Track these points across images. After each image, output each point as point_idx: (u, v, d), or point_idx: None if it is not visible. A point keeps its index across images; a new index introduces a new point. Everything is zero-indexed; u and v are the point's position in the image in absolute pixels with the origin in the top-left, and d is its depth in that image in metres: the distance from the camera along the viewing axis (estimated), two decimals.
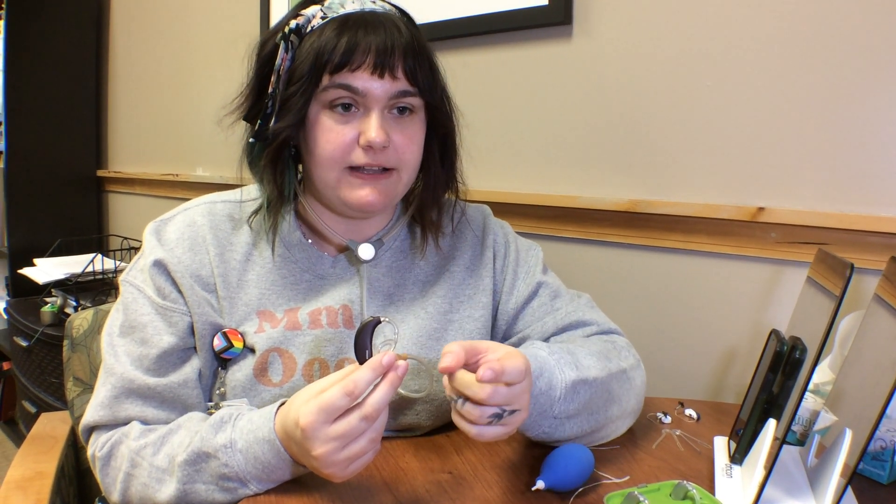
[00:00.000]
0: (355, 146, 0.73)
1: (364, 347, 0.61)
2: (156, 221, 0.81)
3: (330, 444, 0.59)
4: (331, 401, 0.58)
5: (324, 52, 0.71)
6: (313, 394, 0.61)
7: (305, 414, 0.59)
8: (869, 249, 0.95)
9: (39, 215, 2.58)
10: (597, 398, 0.73)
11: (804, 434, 0.81)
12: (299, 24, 0.73)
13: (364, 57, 0.70)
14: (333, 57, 0.70)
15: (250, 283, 0.79)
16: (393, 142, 0.74)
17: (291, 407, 0.62)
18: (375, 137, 0.71)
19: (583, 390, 0.71)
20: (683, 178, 1.13)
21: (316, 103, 0.74)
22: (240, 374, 0.76)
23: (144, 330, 0.75)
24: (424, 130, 0.79)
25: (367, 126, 0.72)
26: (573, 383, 0.70)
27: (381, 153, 0.73)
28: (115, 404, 0.74)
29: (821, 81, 0.98)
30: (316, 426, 0.58)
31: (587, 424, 0.74)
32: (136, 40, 2.59)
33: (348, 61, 0.71)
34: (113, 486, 0.72)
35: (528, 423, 0.69)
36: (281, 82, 0.74)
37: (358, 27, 0.71)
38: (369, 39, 0.71)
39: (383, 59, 0.71)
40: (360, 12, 0.73)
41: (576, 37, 1.25)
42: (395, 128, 0.74)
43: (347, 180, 0.75)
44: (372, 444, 0.61)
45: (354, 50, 0.70)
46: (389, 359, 0.60)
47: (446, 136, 0.82)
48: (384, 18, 0.73)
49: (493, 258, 0.90)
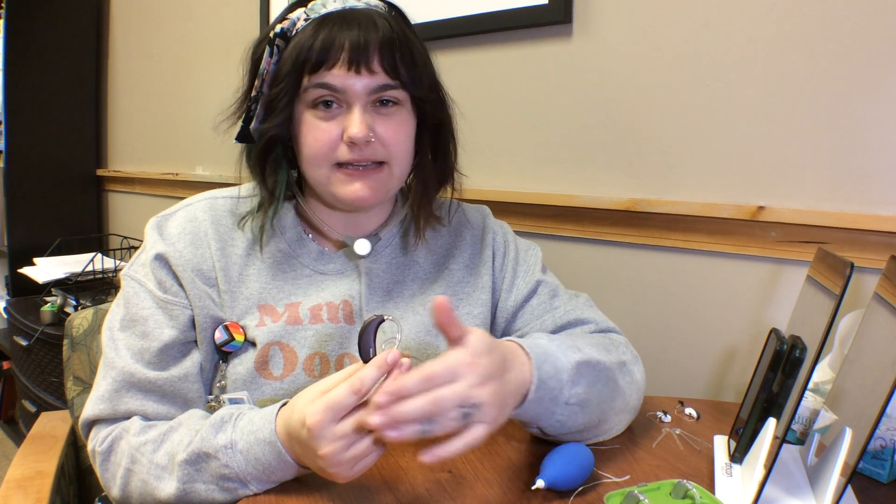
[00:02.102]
0: (340, 143, 0.74)
1: (368, 346, 0.61)
2: (157, 217, 0.82)
3: (337, 442, 0.59)
4: (338, 399, 0.58)
5: (302, 52, 0.72)
6: (318, 393, 0.61)
7: (312, 413, 0.59)
8: (869, 248, 0.95)
9: (39, 214, 2.58)
10: (602, 385, 0.73)
11: (804, 433, 0.81)
12: (284, 28, 0.74)
13: (339, 54, 0.71)
14: (311, 56, 0.72)
15: (251, 277, 0.80)
16: (378, 135, 0.74)
17: (295, 407, 0.62)
18: (357, 132, 0.72)
19: (588, 372, 0.71)
20: (683, 177, 1.13)
21: (300, 103, 0.75)
22: (241, 368, 0.76)
23: (145, 323, 0.76)
24: (413, 122, 0.79)
25: (349, 122, 0.73)
26: (577, 364, 0.70)
27: (367, 147, 0.74)
28: (115, 398, 0.74)
29: (821, 81, 0.98)
30: (323, 425, 0.58)
31: (596, 413, 0.73)
32: (135, 39, 2.59)
33: (324, 59, 0.72)
34: (112, 481, 0.72)
35: (540, 412, 0.68)
36: (265, 85, 0.75)
37: (333, 25, 0.72)
38: (343, 36, 0.71)
39: (357, 55, 0.71)
40: (339, 11, 0.74)
41: (576, 36, 1.25)
42: (379, 121, 0.75)
43: (337, 177, 0.76)
44: (376, 444, 0.61)
45: (329, 48, 0.71)
46: (394, 357, 0.59)
47: (439, 129, 0.82)
48: (362, 14, 0.73)
49: (492, 256, 0.90)
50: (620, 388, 0.77)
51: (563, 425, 0.70)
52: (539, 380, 0.66)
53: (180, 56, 2.33)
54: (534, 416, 0.68)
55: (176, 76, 2.37)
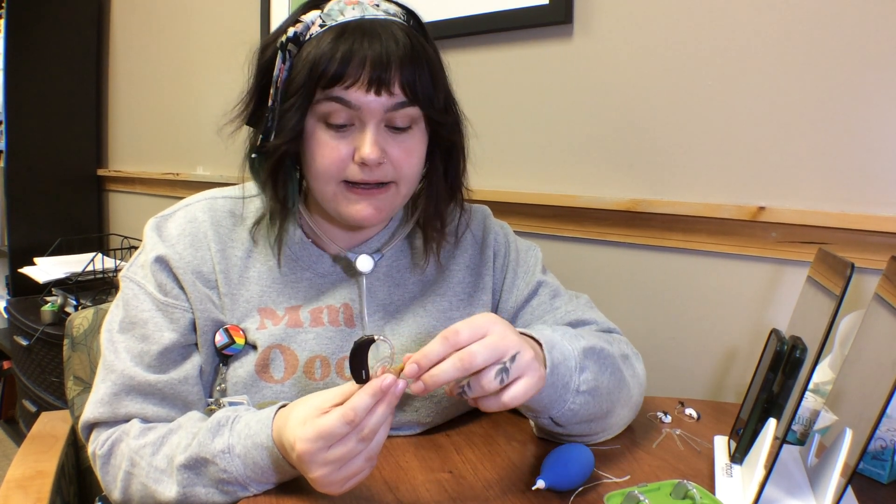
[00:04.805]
0: (350, 161, 0.72)
1: (360, 367, 0.60)
2: (156, 217, 0.81)
3: (327, 467, 0.59)
4: (329, 428, 0.57)
5: (319, 65, 0.69)
6: (311, 413, 0.59)
7: (302, 440, 0.58)
8: (869, 249, 0.95)
9: (40, 214, 2.58)
10: (609, 373, 0.74)
11: (804, 433, 0.81)
12: (297, 32, 0.71)
13: (359, 71, 0.68)
14: (329, 69, 0.68)
15: (251, 279, 0.79)
16: (390, 156, 0.72)
17: (288, 424, 0.61)
18: (370, 154, 0.70)
19: (594, 359, 0.72)
20: (684, 177, 1.13)
21: (311, 116, 0.72)
22: (241, 371, 0.76)
23: (145, 326, 0.75)
24: (425, 142, 0.77)
25: (361, 142, 0.71)
26: (584, 350, 0.71)
27: (378, 168, 0.72)
28: (115, 401, 0.74)
29: (821, 81, 0.98)
30: (314, 452, 0.58)
31: (605, 403, 0.73)
32: (136, 39, 2.60)
33: (343, 74, 0.68)
34: (113, 483, 0.72)
35: (554, 398, 0.68)
36: (279, 94, 0.72)
37: (354, 38, 0.68)
38: (364, 51, 0.68)
39: (379, 74, 0.68)
40: (358, 21, 0.70)
41: (576, 36, 1.25)
42: (392, 142, 0.73)
43: (344, 195, 0.74)
44: (368, 462, 0.60)
45: (349, 62, 0.68)
46: (389, 383, 0.58)
47: (452, 146, 0.79)
48: (382, 27, 0.70)
49: (493, 257, 0.90)
50: (625, 378, 0.77)
51: (576, 414, 0.70)
52: (552, 364, 0.66)
53: (181, 56, 2.33)
54: (548, 402, 0.68)
55: (177, 76, 2.37)
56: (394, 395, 0.59)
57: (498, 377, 0.58)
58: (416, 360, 0.58)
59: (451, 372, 0.57)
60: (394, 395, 0.59)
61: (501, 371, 0.58)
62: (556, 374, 0.67)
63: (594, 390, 0.71)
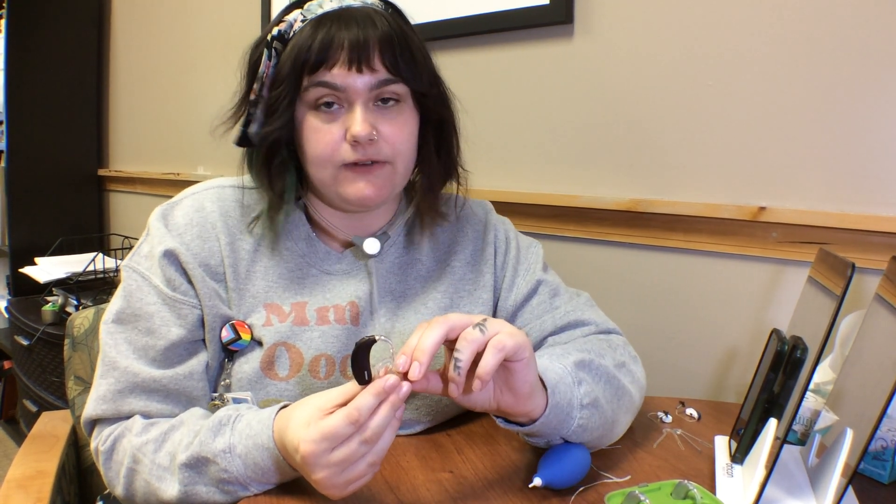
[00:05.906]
0: (343, 142, 0.73)
1: (363, 368, 0.60)
2: (163, 206, 0.80)
3: (331, 468, 0.58)
4: (334, 429, 0.57)
5: (301, 53, 0.71)
6: (314, 415, 0.59)
7: (307, 441, 0.58)
8: (870, 249, 0.95)
9: (40, 214, 2.58)
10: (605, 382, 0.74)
11: (805, 434, 0.81)
12: (282, 31, 0.74)
13: (338, 52, 0.70)
14: (310, 56, 0.71)
15: (258, 274, 0.79)
16: (381, 133, 0.74)
17: (290, 426, 0.61)
18: (360, 131, 0.71)
19: (586, 370, 0.72)
20: (684, 177, 1.13)
21: (301, 105, 0.74)
22: (247, 367, 0.76)
23: (151, 320, 0.74)
24: (416, 119, 0.79)
25: (351, 121, 0.72)
26: (574, 364, 0.72)
27: (371, 146, 0.73)
28: (118, 398, 0.73)
29: (821, 81, 0.98)
30: (318, 454, 0.58)
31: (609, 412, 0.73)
32: (136, 39, 2.60)
33: (324, 59, 0.71)
34: (116, 479, 0.72)
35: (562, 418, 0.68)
36: (265, 88, 0.74)
37: (332, 24, 0.71)
38: (342, 35, 0.71)
39: (358, 53, 0.71)
40: (336, 10, 0.73)
41: (577, 36, 1.25)
42: (382, 119, 0.74)
43: (343, 176, 0.75)
44: (371, 468, 0.60)
45: (328, 47, 0.71)
46: (392, 383, 0.59)
47: (442, 124, 0.81)
48: (359, 13, 0.73)
49: (493, 254, 0.90)
50: (624, 386, 0.77)
51: (585, 429, 0.70)
52: (551, 385, 0.67)
53: (181, 56, 2.33)
54: (557, 423, 0.68)
55: (177, 76, 2.37)
56: (398, 396, 0.59)
57: (476, 328, 0.60)
58: (403, 351, 0.60)
59: (435, 335, 0.59)
60: (398, 396, 0.59)
61: (478, 326, 0.60)
62: (558, 393, 0.67)
63: (596, 402, 0.71)
